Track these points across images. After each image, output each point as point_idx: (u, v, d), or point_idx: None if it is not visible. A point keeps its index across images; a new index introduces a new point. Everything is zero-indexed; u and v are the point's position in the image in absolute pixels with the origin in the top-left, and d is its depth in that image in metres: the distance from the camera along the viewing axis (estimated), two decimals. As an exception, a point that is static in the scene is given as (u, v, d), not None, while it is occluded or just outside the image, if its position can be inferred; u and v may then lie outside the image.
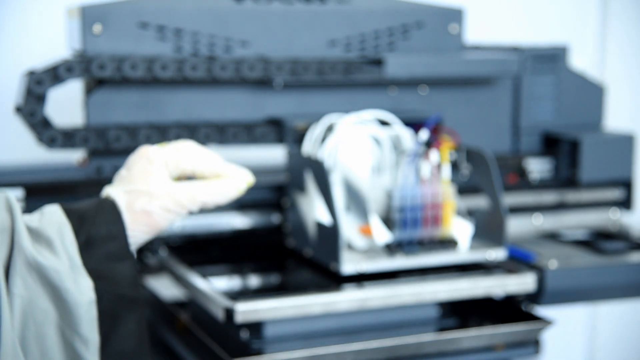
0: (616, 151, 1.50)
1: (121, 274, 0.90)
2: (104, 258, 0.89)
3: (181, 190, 0.95)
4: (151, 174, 0.94)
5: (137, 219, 0.92)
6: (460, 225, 1.23)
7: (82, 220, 0.90)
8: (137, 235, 0.93)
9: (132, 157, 0.98)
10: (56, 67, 1.21)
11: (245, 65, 1.30)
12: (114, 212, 0.91)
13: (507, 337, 1.18)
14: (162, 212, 0.93)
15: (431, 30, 1.46)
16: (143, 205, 0.92)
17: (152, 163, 0.95)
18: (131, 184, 0.93)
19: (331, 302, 1.12)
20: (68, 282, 0.86)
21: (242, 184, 0.99)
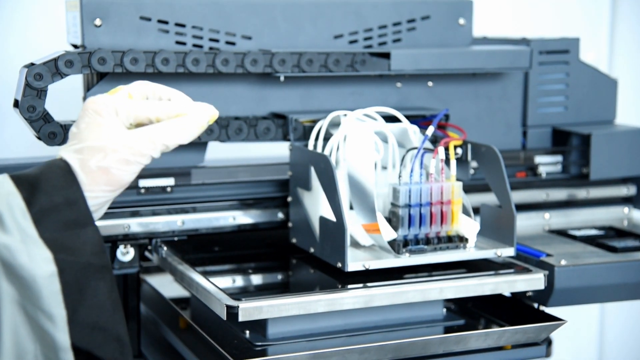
0: (628, 147, 1.48)
1: (84, 242, 0.84)
2: (62, 226, 0.83)
3: (138, 138, 0.88)
4: (101, 126, 0.87)
5: (94, 179, 0.86)
6: (468, 222, 1.21)
7: (34, 187, 0.83)
8: (98, 196, 0.87)
9: (81, 111, 0.90)
10: (56, 61, 1.19)
11: (249, 59, 1.28)
12: (67, 175, 0.85)
13: (516, 336, 1.16)
14: (121, 166, 0.87)
15: (439, 23, 1.44)
16: (98, 162, 0.86)
17: (100, 115, 0.88)
18: (82, 142, 0.87)
19: (335, 300, 1.10)
20: (21, 257, 0.81)
21: (204, 119, 0.92)
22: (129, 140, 0.87)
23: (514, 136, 1.50)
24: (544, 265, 1.25)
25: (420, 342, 1.12)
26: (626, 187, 1.54)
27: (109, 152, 0.86)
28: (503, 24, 2.00)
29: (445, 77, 1.44)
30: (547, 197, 1.51)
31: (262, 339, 1.13)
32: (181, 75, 1.30)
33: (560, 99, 1.52)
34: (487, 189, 1.31)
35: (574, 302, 1.29)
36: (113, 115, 0.88)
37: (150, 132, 0.89)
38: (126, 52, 1.22)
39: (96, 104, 0.88)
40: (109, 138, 0.86)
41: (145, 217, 1.29)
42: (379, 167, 1.30)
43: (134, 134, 0.88)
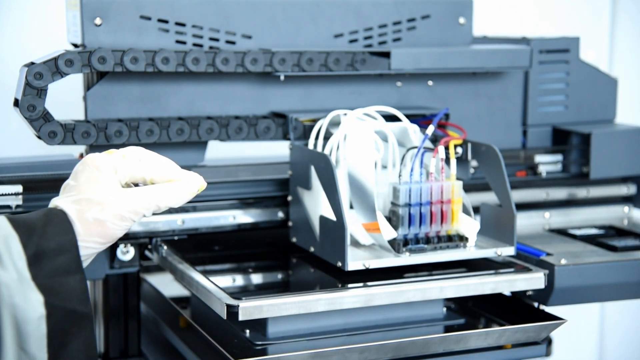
0: (628, 146, 1.48)
1: (72, 289, 0.87)
2: (53, 272, 0.86)
3: (134, 196, 0.92)
4: (100, 182, 0.91)
5: (90, 230, 0.89)
6: (468, 221, 1.21)
7: (31, 231, 0.86)
8: (90, 247, 0.90)
9: (78, 166, 0.94)
10: (56, 60, 1.19)
11: (249, 58, 1.28)
12: (64, 224, 0.88)
13: (516, 335, 1.16)
14: (116, 221, 0.90)
15: (439, 22, 1.44)
16: (95, 214, 0.89)
17: (100, 171, 0.92)
18: (80, 193, 0.90)
19: (336, 300, 1.10)
20: (17, 297, 0.84)
21: (195, 187, 0.97)
22: (126, 198, 0.91)
23: (514, 135, 1.50)
24: (544, 265, 1.25)
25: (421, 341, 1.12)
26: (626, 186, 1.54)
27: (106, 206, 0.89)
28: (503, 23, 2.00)
29: (445, 76, 1.44)
30: (547, 196, 1.50)
31: (262, 338, 1.13)
32: (181, 74, 1.30)
33: (560, 98, 1.52)
34: (487, 188, 1.31)
35: (574, 301, 1.29)
36: (112, 172, 0.92)
37: (145, 192, 0.92)
38: (126, 51, 1.22)
39: (97, 161, 0.92)
40: (107, 193, 0.90)
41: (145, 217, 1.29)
42: (379, 166, 1.30)
43: (131, 192, 0.92)
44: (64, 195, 0.92)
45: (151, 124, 1.26)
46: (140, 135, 1.25)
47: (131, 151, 0.97)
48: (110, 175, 0.92)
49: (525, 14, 2.10)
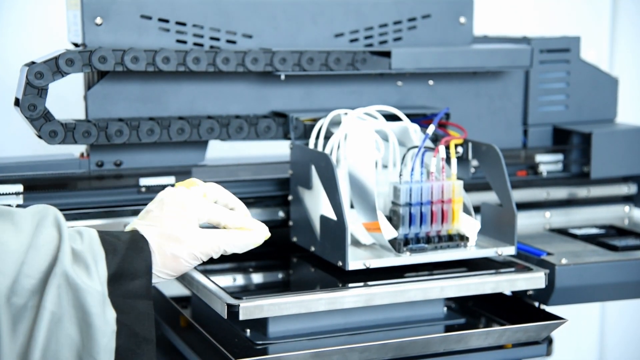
0: (628, 146, 1.48)
1: (139, 313, 0.94)
2: (127, 293, 0.93)
3: (208, 240, 0.99)
4: (182, 220, 0.98)
5: (165, 263, 0.96)
6: (468, 221, 1.21)
7: (115, 252, 0.93)
8: (161, 277, 0.98)
9: (165, 196, 1.00)
10: (56, 59, 1.19)
11: (249, 57, 1.28)
12: (144, 252, 0.95)
13: (517, 335, 1.16)
14: (189, 259, 0.97)
15: (439, 21, 1.44)
16: (173, 250, 0.96)
17: (185, 210, 0.98)
18: (163, 227, 0.97)
19: (336, 299, 1.10)
20: (98, 308, 0.90)
21: (261, 237, 1.03)
22: (202, 240, 0.98)
23: (514, 135, 1.50)
24: (545, 264, 1.25)
25: (421, 340, 1.12)
26: (627, 185, 1.54)
27: (184, 245, 0.97)
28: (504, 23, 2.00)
29: (446, 76, 1.44)
30: (547, 196, 1.50)
31: (263, 337, 1.13)
32: (182, 73, 1.30)
33: (561, 97, 1.52)
34: (487, 188, 1.31)
35: (574, 300, 1.29)
36: (194, 212, 0.99)
37: (218, 237, 0.99)
38: (127, 50, 1.22)
39: (183, 198, 0.99)
40: (188, 233, 0.97)
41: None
42: (380, 166, 1.30)
43: (206, 235, 0.99)
44: (147, 223, 0.98)
45: (152, 123, 1.26)
46: (140, 135, 1.25)
47: (211, 190, 1.03)
48: (192, 215, 0.98)
49: (526, 13, 2.10)
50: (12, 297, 0.87)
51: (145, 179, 1.30)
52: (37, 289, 0.89)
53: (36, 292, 0.89)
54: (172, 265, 0.96)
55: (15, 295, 0.87)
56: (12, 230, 0.89)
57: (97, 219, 1.27)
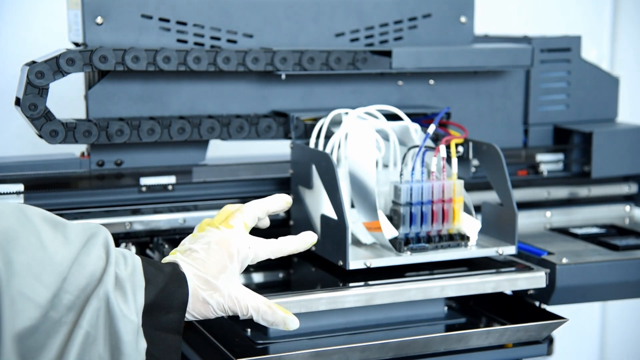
0: (629, 145, 1.48)
1: (169, 346, 0.95)
2: (160, 326, 0.94)
3: (241, 299, 0.99)
4: (226, 271, 0.99)
5: (196, 305, 0.98)
6: (469, 220, 1.21)
7: (155, 283, 0.95)
8: (188, 317, 0.98)
9: (213, 241, 1.00)
10: (57, 59, 1.19)
11: (250, 57, 1.28)
12: (183, 289, 0.96)
13: (517, 334, 1.16)
14: (218, 310, 0.99)
15: (440, 21, 1.44)
16: (206, 296, 0.98)
17: (231, 260, 0.99)
18: (205, 272, 0.98)
19: (337, 299, 1.10)
20: (131, 337, 0.91)
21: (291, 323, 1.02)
22: (236, 297, 0.99)
23: (515, 134, 1.49)
24: (546, 264, 1.25)
25: (422, 340, 1.12)
26: (627, 185, 1.54)
27: (218, 295, 0.98)
28: (504, 22, 2.00)
29: (446, 75, 1.44)
30: (548, 195, 1.50)
31: (264, 337, 1.13)
32: (182, 73, 1.30)
33: (561, 97, 1.52)
34: (488, 187, 1.31)
35: (575, 300, 1.29)
36: (240, 262, 1.00)
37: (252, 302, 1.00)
38: (127, 50, 1.22)
39: (232, 248, 1.00)
40: (225, 284, 0.98)
41: (146, 215, 1.29)
42: (380, 165, 1.30)
43: (242, 295, 1.00)
44: (190, 262, 0.99)
45: (152, 122, 1.26)
46: (141, 134, 1.25)
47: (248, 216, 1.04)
48: (236, 267, 1.00)
49: (527, 12, 2.10)
50: (50, 311, 0.88)
51: (145, 179, 1.30)
52: (74, 305, 0.89)
53: (72, 308, 0.89)
54: (200, 310, 0.98)
55: (53, 309, 0.88)
56: (61, 242, 0.90)
57: (98, 218, 1.27)
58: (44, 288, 0.88)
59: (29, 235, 0.89)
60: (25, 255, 0.87)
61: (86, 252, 0.91)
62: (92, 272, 0.90)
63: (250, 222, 1.04)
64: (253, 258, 1.01)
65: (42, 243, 0.89)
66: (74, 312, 0.89)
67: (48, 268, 0.88)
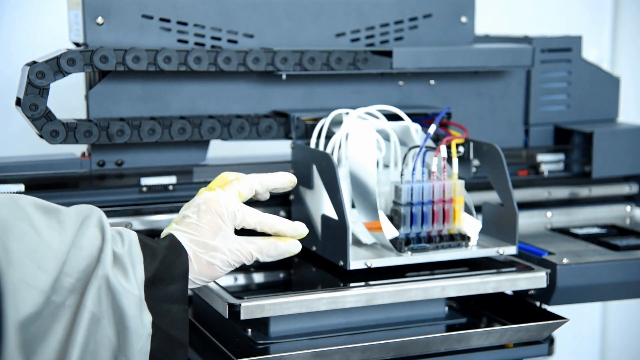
0: (630, 145, 1.48)
1: (175, 317, 0.95)
2: (163, 297, 0.95)
3: (243, 249, 1.00)
4: (220, 229, 0.99)
5: (201, 270, 0.98)
6: (470, 220, 1.21)
7: (153, 256, 0.95)
8: (197, 283, 0.99)
9: (202, 203, 1.00)
10: (58, 59, 1.19)
11: (251, 57, 1.28)
12: (181, 258, 0.97)
13: (518, 335, 1.16)
14: (224, 267, 0.99)
15: (441, 21, 1.44)
16: (209, 258, 0.98)
17: (222, 219, 1.00)
18: (200, 236, 0.99)
19: (337, 299, 1.10)
20: (135, 311, 0.91)
21: (295, 247, 1.03)
22: (237, 249, 1.00)
23: (516, 134, 1.49)
24: (546, 264, 1.25)
25: (423, 340, 1.12)
26: (628, 185, 1.54)
27: (219, 253, 0.99)
28: (505, 22, 2.00)
29: (447, 75, 1.44)
30: (549, 196, 1.50)
31: (264, 337, 1.13)
32: (183, 73, 1.30)
33: (562, 97, 1.52)
34: (489, 187, 1.31)
35: (576, 300, 1.29)
36: (231, 220, 1.00)
37: (252, 246, 1.01)
38: (128, 50, 1.22)
39: (220, 207, 1.00)
40: (223, 241, 0.99)
41: (147, 216, 1.29)
42: (381, 166, 1.30)
43: (241, 244, 1.00)
44: (183, 229, 0.99)
45: (153, 123, 1.26)
46: (142, 135, 1.25)
47: (245, 186, 1.04)
48: (229, 223, 1.00)
49: (527, 12, 2.10)
50: (52, 295, 0.89)
51: (146, 179, 1.30)
52: (75, 288, 0.90)
53: (73, 291, 0.90)
54: (207, 272, 0.98)
55: (55, 293, 0.89)
56: (56, 228, 0.91)
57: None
58: (44, 273, 0.88)
59: (23, 224, 0.89)
60: (21, 243, 0.88)
61: (82, 234, 0.91)
62: (89, 253, 0.91)
63: (246, 192, 1.04)
64: (240, 221, 1.01)
65: (36, 230, 0.89)
66: (76, 294, 0.90)
67: (46, 254, 0.89)
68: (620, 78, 1.56)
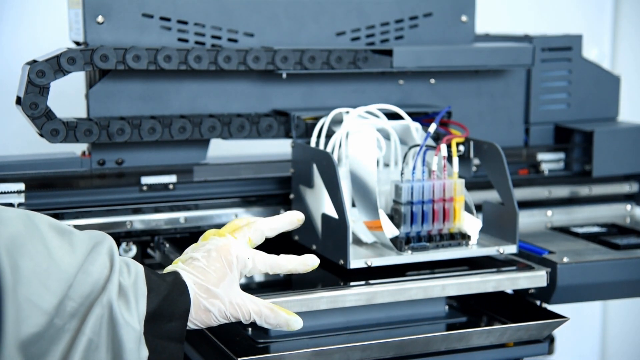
0: (630, 144, 1.48)
1: (171, 354, 0.95)
2: (161, 334, 0.95)
3: (243, 307, 1.00)
4: (225, 278, 0.99)
5: (198, 313, 0.98)
6: (470, 219, 1.21)
7: (157, 292, 0.95)
8: (190, 325, 0.99)
9: (213, 249, 1.00)
10: (58, 58, 1.19)
11: (251, 56, 1.28)
12: (185, 297, 0.97)
13: (518, 333, 1.16)
14: (220, 318, 0.99)
15: (441, 20, 1.44)
16: (207, 304, 0.98)
17: (231, 268, 1.00)
18: (205, 281, 0.99)
19: (338, 298, 1.10)
20: (133, 345, 0.91)
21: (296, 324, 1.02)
22: (237, 304, 1.00)
23: (516, 133, 1.49)
24: (547, 263, 1.25)
25: (423, 339, 1.12)
26: (628, 184, 1.54)
27: (219, 302, 0.99)
28: (505, 21, 2.00)
29: (447, 74, 1.43)
30: (549, 194, 1.50)
31: (265, 336, 1.13)
32: (183, 72, 1.30)
33: (562, 96, 1.52)
34: (489, 186, 1.31)
35: (576, 299, 1.29)
36: (239, 270, 1.01)
37: (254, 307, 1.00)
38: (128, 49, 1.22)
39: (231, 256, 1.00)
40: (226, 291, 0.99)
41: (147, 214, 1.29)
42: (381, 165, 1.30)
43: (244, 301, 1.00)
44: (190, 270, 0.99)
45: (153, 122, 1.26)
46: (142, 134, 1.25)
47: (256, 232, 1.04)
48: (236, 274, 1.00)
49: (528, 11, 2.10)
50: (55, 318, 0.89)
51: (146, 178, 1.30)
52: (77, 312, 0.90)
53: (75, 315, 0.90)
54: (202, 318, 0.98)
55: (58, 316, 0.89)
56: (68, 250, 0.91)
57: (99, 218, 1.27)
58: (50, 295, 0.88)
59: (36, 242, 0.89)
60: (32, 261, 0.88)
61: (91, 260, 0.92)
62: (96, 280, 0.91)
63: (256, 239, 1.05)
64: (251, 269, 1.02)
65: (48, 250, 0.89)
66: (77, 320, 0.90)
67: (54, 275, 0.89)
68: (620, 77, 1.56)
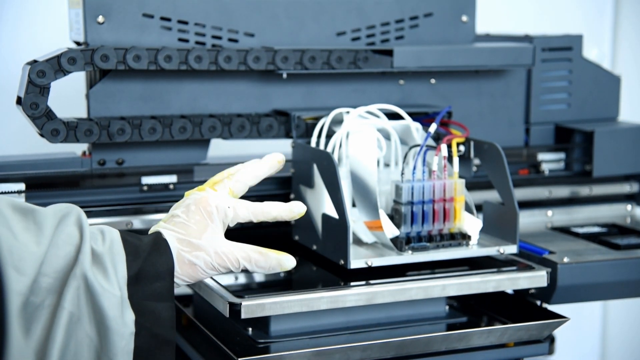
0: (630, 144, 1.48)
1: (160, 314, 0.94)
2: (148, 295, 0.93)
3: (230, 254, 0.98)
4: (207, 229, 0.98)
5: (183, 268, 0.97)
6: (470, 219, 1.21)
7: (136, 254, 0.93)
8: (178, 282, 0.98)
9: (192, 202, 0.99)
10: (58, 58, 1.19)
11: (251, 56, 1.28)
12: (166, 255, 0.95)
13: (519, 334, 1.16)
14: (207, 269, 0.98)
15: (441, 20, 1.44)
16: (192, 257, 0.97)
17: (211, 219, 0.98)
18: (186, 235, 0.97)
19: (338, 298, 1.10)
20: (115, 311, 0.90)
21: (288, 263, 1.02)
22: (223, 252, 0.98)
23: (516, 133, 1.49)
24: (547, 263, 1.25)
25: (423, 339, 1.12)
26: (629, 184, 1.54)
27: (204, 253, 0.97)
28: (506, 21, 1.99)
29: (448, 74, 1.43)
30: (549, 194, 1.50)
31: (265, 336, 1.13)
32: (184, 72, 1.30)
33: (563, 96, 1.52)
34: (489, 186, 1.31)
35: (576, 299, 1.29)
36: (220, 220, 0.99)
37: (241, 253, 0.99)
38: (129, 49, 1.22)
39: (210, 207, 0.98)
40: (209, 242, 0.97)
41: (148, 215, 1.29)
42: (382, 165, 1.30)
43: (229, 249, 0.98)
44: (171, 227, 0.98)
45: (154, 122, 1.26)
46: (142, 134, 1.25)
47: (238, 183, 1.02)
48: (218, 224, 0.98)
49: (528, 11, 2.10)
50: (30, 296, 0.88)
51: (147, 178, 1.30)
52: (54, 288, 0.89)
53: (52, 291, 0.89)
54: (189, 272, 0.97)
55: (33, 294, 0.88)
56: (33, 229, 0.90)
57: (99, 218, 1.27)
58: (23, 276, 0.87)
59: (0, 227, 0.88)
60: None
61: (59, 233, 0.90)
62: (67, 252, 0.90)
63: (237, 190, 1.02)
64: (233, 217, 0.99)
65: (13, 233, 0.88)
66: (55, 294, 0.89)
67: (24, 256, 0.88)
68: (621, 77, 1.56)
